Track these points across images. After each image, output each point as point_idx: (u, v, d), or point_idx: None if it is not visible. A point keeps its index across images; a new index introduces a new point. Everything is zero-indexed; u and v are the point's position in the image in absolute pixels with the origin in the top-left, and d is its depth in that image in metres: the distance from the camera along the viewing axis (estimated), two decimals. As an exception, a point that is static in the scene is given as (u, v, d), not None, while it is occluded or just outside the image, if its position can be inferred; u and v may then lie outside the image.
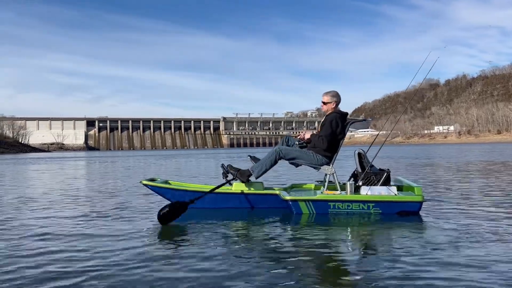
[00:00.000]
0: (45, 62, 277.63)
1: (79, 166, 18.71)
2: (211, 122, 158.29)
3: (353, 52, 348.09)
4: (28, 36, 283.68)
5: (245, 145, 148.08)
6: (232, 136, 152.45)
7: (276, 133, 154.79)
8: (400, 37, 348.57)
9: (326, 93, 4.71)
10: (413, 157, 19.89)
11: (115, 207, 5.10)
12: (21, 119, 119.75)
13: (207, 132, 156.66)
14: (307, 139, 4.62)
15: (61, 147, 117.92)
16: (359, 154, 4.70)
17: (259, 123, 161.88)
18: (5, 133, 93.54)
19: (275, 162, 4.56)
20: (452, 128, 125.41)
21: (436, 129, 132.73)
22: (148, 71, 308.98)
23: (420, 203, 4.17)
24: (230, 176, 4.72)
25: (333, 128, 4.48)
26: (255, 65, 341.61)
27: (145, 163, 20.38)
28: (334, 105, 4.67)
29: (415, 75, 4.83)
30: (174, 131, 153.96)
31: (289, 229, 3.74)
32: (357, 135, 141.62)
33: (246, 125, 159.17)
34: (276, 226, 3.83)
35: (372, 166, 4.62)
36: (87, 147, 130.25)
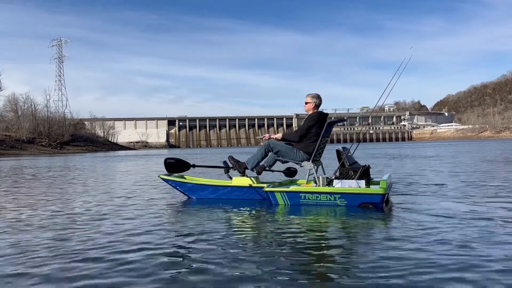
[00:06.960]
0: (129, 66, 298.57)
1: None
2: (284, 119, 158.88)
3: (435, 41, 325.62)
4: (113, 42, 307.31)
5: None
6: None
7: (351, 129, 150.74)
8: (488, 23, 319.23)
9: (309, 95, 5.23)
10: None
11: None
12: (110, 119, 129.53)
13: (280, 128, 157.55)
14: (277, 138, 5.17)
15: (145, 145, 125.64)
16: (337, 151, 5.06)
17: (332, 119, 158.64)
18: (97, 132, 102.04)
19: (266, 154, 5.14)
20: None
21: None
22: (223, 71, 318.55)
23: (382, 195, 4.40)
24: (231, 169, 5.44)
25: (309, 124, 4.97)
26: (330, 60, 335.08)
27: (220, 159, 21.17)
28: (313, 106, 5.18)
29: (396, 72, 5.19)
30: (248, 129, 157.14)
31: (256, 216, 4.24)
32: (439, 130, 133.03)
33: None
34: (249, 216, 4.33)
35: (355, 162, 5.00)
36: (169, 145, 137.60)
